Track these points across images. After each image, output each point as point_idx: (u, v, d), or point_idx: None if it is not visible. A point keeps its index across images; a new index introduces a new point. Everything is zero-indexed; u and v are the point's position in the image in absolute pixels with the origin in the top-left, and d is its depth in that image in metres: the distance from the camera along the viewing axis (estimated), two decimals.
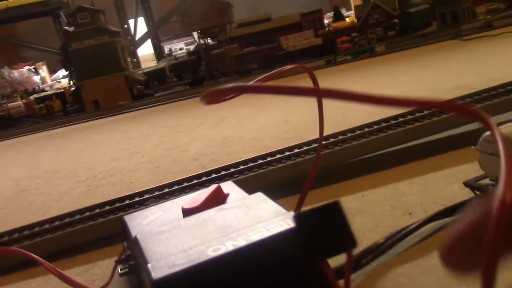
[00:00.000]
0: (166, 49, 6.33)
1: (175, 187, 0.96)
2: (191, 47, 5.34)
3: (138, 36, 5.27)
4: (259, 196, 0.59)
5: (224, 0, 3.03)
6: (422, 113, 1.11)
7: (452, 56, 2.15)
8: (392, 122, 1.07)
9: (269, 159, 0.99)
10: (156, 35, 5.44)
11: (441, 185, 0.92)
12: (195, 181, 0.95)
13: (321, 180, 1.00)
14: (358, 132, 1.06)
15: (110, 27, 3.18)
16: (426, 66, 2.06)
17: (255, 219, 0.50)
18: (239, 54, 3.56)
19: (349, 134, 1.06)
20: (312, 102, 0.67)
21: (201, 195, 0.68)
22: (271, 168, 0.96)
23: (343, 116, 1.47)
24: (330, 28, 4.05)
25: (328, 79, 2.27)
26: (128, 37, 4.80)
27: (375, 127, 1.06)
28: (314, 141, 1.04)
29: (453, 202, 0.78)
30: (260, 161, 0.99)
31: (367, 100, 0.27)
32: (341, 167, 1.07)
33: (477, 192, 0.79)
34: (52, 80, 5.80)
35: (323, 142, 1.04)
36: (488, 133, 0.75)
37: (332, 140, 1.05)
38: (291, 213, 0.48)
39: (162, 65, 3.84)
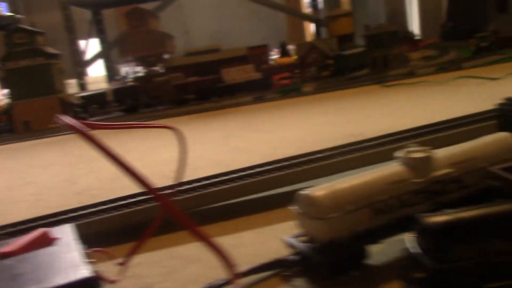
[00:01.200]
0: (123, 71, 6.31)
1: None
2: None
3: (89, 57, 5.25)
4: (70, 244, 0.61)
5: (163, 31, 3.06)
6: (288, 163, 1.14)
7: (368, 102, 2.22)
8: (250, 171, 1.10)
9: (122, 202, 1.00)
10: (108, 57, 5.42)
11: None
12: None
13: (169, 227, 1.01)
14: (212, 180, 1.08)
15: (48, 49, 3.16)
16: (341, 109, 2.11)
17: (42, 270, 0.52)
18: (179, 84, 3.58)
19: (204, 182, 1.08)
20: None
21: (24, 239, 0.68)
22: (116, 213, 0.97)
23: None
24: (275, 63, 4.13)
25: (242, 117, 2.30)
26: (75, 58, 4.78)
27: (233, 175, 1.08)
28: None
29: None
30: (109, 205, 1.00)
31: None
32: (194, 213, 1.08)
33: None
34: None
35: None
36: (300, 192, 0.78)
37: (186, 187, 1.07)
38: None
39: (102, 89, 3.82)
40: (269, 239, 0.95)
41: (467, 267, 0.60)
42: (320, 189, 0.77)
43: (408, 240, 0.67)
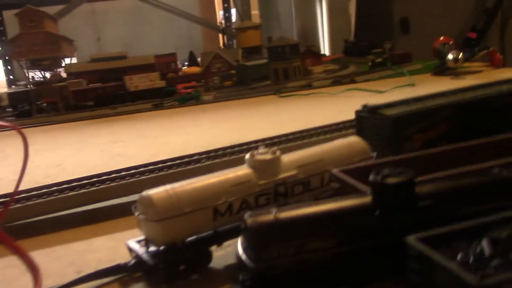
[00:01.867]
0: (31, 75, 6.00)
1: None
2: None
3: None
4: None
5: (60, 34, 2.93)
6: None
7: (260, 110, 2.24)
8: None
9: None
10: (9, 60, 5.12)
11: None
12: None
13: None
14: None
15: None
16: (233, 117, 2.12)
17: None
18: (78, 90, 3.44)
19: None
20: None
21: None
22: None
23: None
24: (181, 72, 4.09)
25: (135, 123, 2.25)
26: None
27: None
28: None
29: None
30: None
31: None
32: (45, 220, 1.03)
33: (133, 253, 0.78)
34: None
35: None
36: (141, 194, 0.75)
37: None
38: None
39: None
40: (120, 245, 0.91)
41: (285, 265, 0.60)
42: (159, 190, 0.75)
43: (239, 241, 0.66)
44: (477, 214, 0.59)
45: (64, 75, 4.00)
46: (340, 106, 2.08)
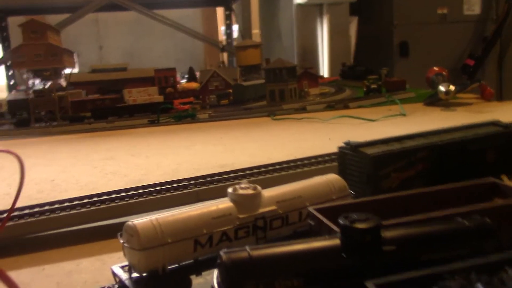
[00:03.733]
0: (30, 82, 6.05)
1: None
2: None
3: None
4: None
5: (61, 47, 2.99)
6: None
7: (252, 133, 2.29)
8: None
9: None
10: (10, 66, 5.17)
11: None
12: None
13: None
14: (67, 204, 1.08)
15: None
16: (225, 139, 2.17)
17: None
18: (77, 101, 3.50)
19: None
20: None
21: None
22: None
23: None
24: (179, 87, 4.15)
25: (130, 140, 2.30)
26: None
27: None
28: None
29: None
30: None
31: None
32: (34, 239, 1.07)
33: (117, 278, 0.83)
34: None
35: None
36: (127, 222, 0.80)
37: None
38: None
39: None
40: (106, 267, 0.96)
41: None
42: (143, 220, 0.80)
43: (214, 274, 0.71)
44: (437, 262, 0.64)
45: (64, 84, 4.07)
46: (330, 133, 2.13)
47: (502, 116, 2.35)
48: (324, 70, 5.74)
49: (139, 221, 0.79)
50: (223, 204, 0.86)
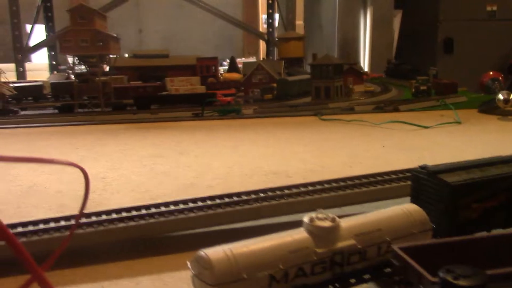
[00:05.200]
0: (70, 61, 6.09)
1: None
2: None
3: (33, 44, 5.05)
4: None
5: (108, 33, 2.96)
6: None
7: (302, 135, 2.22)
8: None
9: None
10: (53, 46, 5.21)
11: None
12: None
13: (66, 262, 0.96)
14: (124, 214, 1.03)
15: None
16: (275, 140, 2.10)
17: None
18: (120, 87, 3.48)
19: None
20: None
21: None
22: None
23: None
24: (221, 78, 4.10)
25: (175, 134, 2.26)
26: (16, 43, 4.60)
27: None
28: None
29: None
30: None
31: None
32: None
33: None
34: None
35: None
36: (198, 252, 0.75)
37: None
38: None
39: (39, 81, 3.67)
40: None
41: None
42: (217, 252, 0.74)
43: None
44: None
45: (106, 68, 4.06)
46: (382, 139, 2.05)
47: None
48: (365, 64, 5.62)
49: (212, 252, 0.74)
50: (298, 235, 0.80)
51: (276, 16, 5.84)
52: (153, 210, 1.08)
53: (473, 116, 2.57)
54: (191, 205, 1.10)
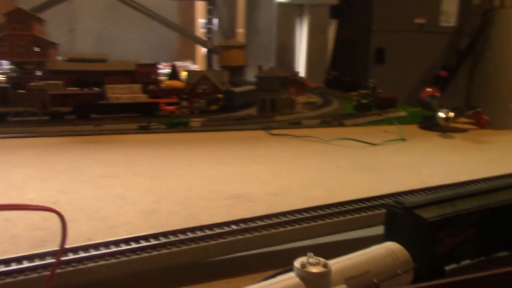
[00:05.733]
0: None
1: None
2: None
3: None
4: None
5: (47, 39, 2.82)
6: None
7: (255, 152, 2.21)
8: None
9: None
10: None
11: None
12: None
13: None
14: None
15: None
16: (228, 158, 2.08)
17: None
18: (57, 94, 3.31)
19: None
20: None
21: None
22: None
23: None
24: (163, 85, 4.01)
25: (124, 150, 2.18)
26: None
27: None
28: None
29: None
30: None
31: None
32: None
33: None
34: None
35: None
36: None
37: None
38: None
39: None
40: None
41: None
42: None
43: None
44: None
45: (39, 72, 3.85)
46: (336, 158, 2.08)
47: (502, 147, 2.36)
48: (301, 72, 5.71)
49: None
50: (290, 281, 0.79)
51: (215, 21, 5.81)
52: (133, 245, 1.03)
53: (415, 133, 2.67)
54: (163, 239, 1.06)
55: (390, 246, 0.93)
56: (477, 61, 4.44)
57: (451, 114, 2.53)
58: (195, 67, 6.20)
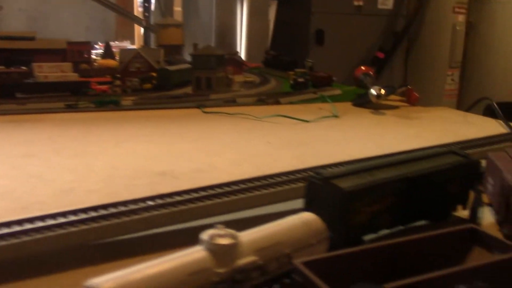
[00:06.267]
0: None
1: None
2: None
3: None
4: None
5: None
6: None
7: (187, 130, 2.16)
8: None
9: None
10: None
11: None
12: None
13: None
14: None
15: None
16: (159, 136, 2.02)
17: None
18: None
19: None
20: None
21: None
22: None
23: None
24: (95, 64, 3.87)
25: (48, 130, 2.08)
26: None
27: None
28: None
29: None
30: None
31: None
32: None
33: None
34: None
35: None
36: (89, 283, 0.67)
37: None
38: None
39: None
40: None
41: None
42: (109, 280, 0.67)
43: None
44: None
45: None
46: (267, 135, 2.06)
47: (430, 123, 2.42)
48: (242, 53, 5.67)
49: (105, 280, 0.67)
50: (198, 254, 0.75)
51: (153, 0, 5.65)
52: (28, 226, 0.96)
53: (348, 110, 2.69)
54: (72, 217, 1.00)
55: (305, 216, 0.91)
56: (412, 43, 4.54)
57: (383, 91, 2.56)
58: (133, 47, 6.03)
